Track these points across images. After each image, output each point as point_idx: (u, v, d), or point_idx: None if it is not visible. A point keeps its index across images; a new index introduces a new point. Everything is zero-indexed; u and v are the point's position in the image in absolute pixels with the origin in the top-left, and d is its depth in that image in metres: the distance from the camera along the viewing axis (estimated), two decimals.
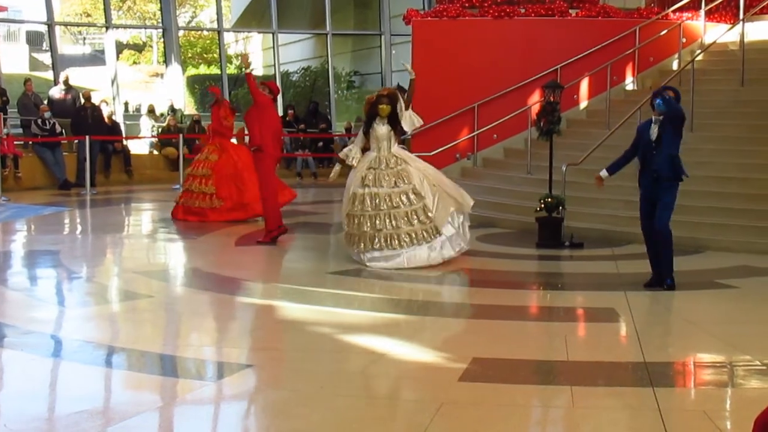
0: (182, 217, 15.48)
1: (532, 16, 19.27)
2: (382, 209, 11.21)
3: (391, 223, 11.20)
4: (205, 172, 15.56)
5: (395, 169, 11.37)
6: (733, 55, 17.91)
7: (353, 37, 32.04)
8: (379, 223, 11.20)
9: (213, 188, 15.39)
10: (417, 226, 11.23)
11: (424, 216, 11.26)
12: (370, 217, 11.24)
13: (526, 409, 6.41)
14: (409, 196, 11.29)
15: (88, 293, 10.32)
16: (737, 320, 9.15)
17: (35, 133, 20.71)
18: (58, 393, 6.65)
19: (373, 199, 11.26)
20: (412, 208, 11.26)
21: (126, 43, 33.43)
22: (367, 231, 11.22)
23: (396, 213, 11.21)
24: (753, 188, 13.73)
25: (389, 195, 11.25)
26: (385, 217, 11.21)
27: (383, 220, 11.21)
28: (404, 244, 11.19)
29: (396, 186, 11.30)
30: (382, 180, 11.32)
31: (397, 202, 11.25)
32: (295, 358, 7.52)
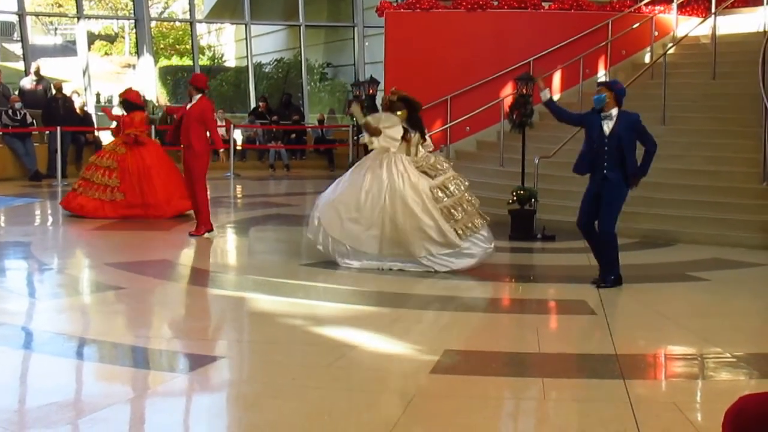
0: (76, 208, 14.81)
1: (504, 9, 19.31)
2: (455, 194, 10.81)
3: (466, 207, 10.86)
4: (111, 163, 14.98)
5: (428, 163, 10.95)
6: (704, 49, 18.00)
7: (326, 28, 31.97)
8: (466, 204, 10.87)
9: (117, 181, 14.78)
10: (471, 211, 10.93)
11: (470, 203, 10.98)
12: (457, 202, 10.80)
13: (497, 401, 6.43)
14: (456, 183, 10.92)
15: (59, 285, 10.27)
16: (708, 313, 9.21)
17: (6, 124, 20.56)
18: (28, 385, 6.62)
19: (446, 187, 10.80)
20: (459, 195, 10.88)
21: (98, 33, 33.25)
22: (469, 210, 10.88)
23: (465, 196, 10.90)
24: (723, 181, 13.80)
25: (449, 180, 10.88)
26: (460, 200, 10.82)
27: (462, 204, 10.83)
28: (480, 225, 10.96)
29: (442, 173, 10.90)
30: (429, 171, 10.87)
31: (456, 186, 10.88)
32: (267, 350, 7.51)
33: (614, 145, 9.68)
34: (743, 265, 11.47)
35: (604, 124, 9.75)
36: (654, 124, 15.33)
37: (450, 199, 10.70)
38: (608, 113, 9.74)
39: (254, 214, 16.08)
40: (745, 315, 9.17)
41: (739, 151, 14.33)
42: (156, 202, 14.66)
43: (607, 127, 9.73)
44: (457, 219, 10.66)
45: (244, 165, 24.26)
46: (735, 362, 7.37)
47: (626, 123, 9.72)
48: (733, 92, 15.88)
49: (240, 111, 28.53)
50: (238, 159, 24.10)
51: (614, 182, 9.73)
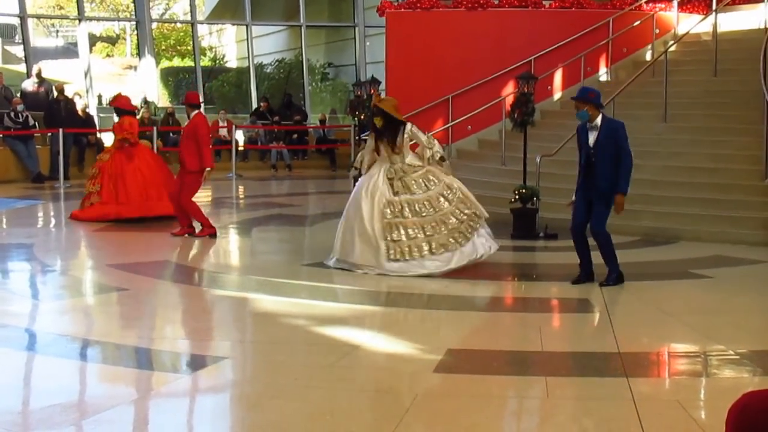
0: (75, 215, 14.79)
1: (505, 8, 19.30)
2: (427, 215, 10.59)
3: (440, 228, 10.59)
4: (95, 172, 15.07)
5: (416, 174, 10.81)
6: (705, 46, 17.99)
7: (327, 28, 31.97)
8: (430, 229, 10.57)
9: (98, 186, 14.72)
10: (465, 219, 10.76)
11: (465, 206, 10.83)
12: (415, 224, 10.55)
13: (500, 400, 6.43)
14: (445, 195, 10.76)
15: (62, 286, 10.28)
16: (711, 310, 9.20)
17: (8, 126, 20.58)
18: (32, 386, 6.64)
19: (411, 205, 10.62)
20: (453, 205, 10.74)
21: (99, 35, 33.30)
22: (419, 237, 10.50)
23: (442, 217, 10.63)
24: (725, 178, 13.79)
25: (427, 199, 10.67)
26: (432, 221, 10.58)
27: (434, 227, 10.58)
28: (461, 241, 10.67)
29: (428, 188, 10.75)
30: (411, 186, 10.72)
31: (438, 205, 10.67)
32: (270, 350, 7.51)
33: (600, 155, 9.76)
34: (746, 262, 11.47)
35: (590, 135, 9.82)
36: (655, 121, 15.38)
37: (396, 219, 10.59)
38: (593, 124, 9.80)
39: (256, 214, 16.07)
40: (747, 312, 9.16)
41: (740, 148, 14.32)
42: (128, 201, 14.54)
43: (593, 138, 9.80)
44: (394, 239, 10.52)
45: (246, 165, 24.26)
46: (738, 359, 7.37)
47: (607, 131, 9.78)
48: (735, 89, 15.86)
49: (242, 112, 28.54)
50: (240, 159, 24.09)
51: (605, 191, 9.83)
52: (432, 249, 10.48)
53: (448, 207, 10.70)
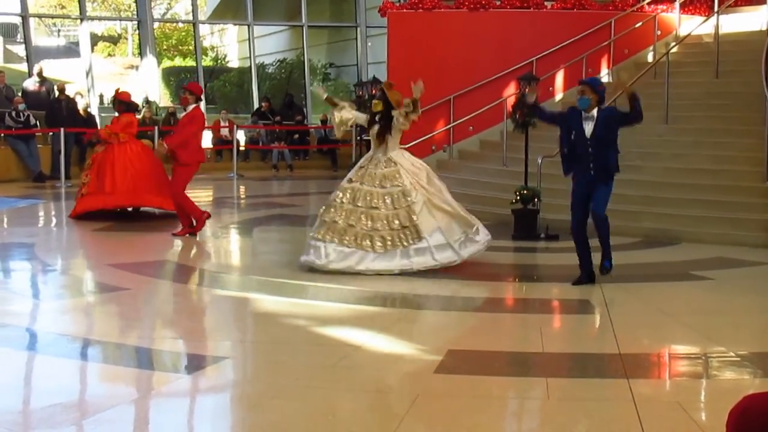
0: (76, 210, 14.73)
1: (507, 8, 19.29)
2: (359, 206, 10.57)
3: (367, 223, 10.51)
4: (88, 164, 15.12)
5: (384, 170, 10.74)
6: (707, 48, 17.98)
7: (329, 29, 31.98)
8: (354, 219, 10.55)
9: (88, 178, 14.68)
10: (396, 230, 10.49)
11: (407, 219, 10.52)
12: (345, 211, 10.57)
13: (501, 401, 6.43)
14: (394, 198, 10.59)
15: (62, 286, 10.29)
16: (711, 312, 9.20)
17: (9, 126, 20.59)
18: (32, 386, 6.65)
19: (354, 193, 10.67)
20: (394, 211, 10.54)
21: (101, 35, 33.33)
22: (339, 223, 10.54)
23: (374, 214, 10.52)
24: (727, 180, 13.78)
25: (370, 193, 10.62)
26: (361, 215, 10.53)
27: (359, 217, 10.53)
28: (377, 247, 10.43)
29: (381, 187, 10.65)
30: (365, 177, 10.74)
31: (377, 203, 10.57)
32: (271, 350, 7.51)
33: (595, 145, 9.77)
34: (747, 263, 11.46)
35: (586, 125, 9.80)
36: (657, 123, 15.37)
37: (346, 204, 10.63)
38: (589, 114, 9.79)
39: (258, 214, 16.08)
40: (749, 314, 9.15)
41: (742, 150, 14.31)
42: (113, 191, 14.42)
43: (588, 129, 9.78)
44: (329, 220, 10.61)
45: (247, 165, 24.26)
46: (739, 361, 7.36)
47: (604, 120, 9.80)
48: (736, 91, 15.86)
49: (243, 112, 28.55)
50: (242, 159, 24.09)
51: (602, 181, 9.87)
52: (345, 240, 10.45)
53: (384, 211, 10.55)
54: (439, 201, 10.79)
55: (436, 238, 10.62)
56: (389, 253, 10.44)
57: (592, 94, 9.82)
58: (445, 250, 10.68)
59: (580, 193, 10.03)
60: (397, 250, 10.47)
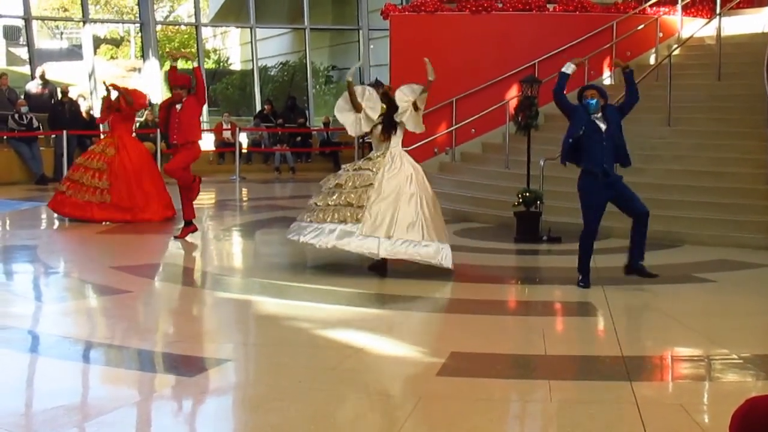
0: (68, 211, 14.72)
1: (509, 11, 19.28)
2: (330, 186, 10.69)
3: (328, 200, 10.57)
4: (100, 165, 14.82)
5: (373, 160, 10.73)
6: (709, 50, 17.98)
7: (331, 31, 32.01)
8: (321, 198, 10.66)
9: (107, 183, 14.64)
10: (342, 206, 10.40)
11: (356, 201, 10.37)
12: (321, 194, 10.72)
13: (503, 404, 6.43)
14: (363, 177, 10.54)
15: (65, 288, 10.29)
16: (714, 314, 9.20)
17: (12, 128, 20.62)
18: (35, 388, 6.64)
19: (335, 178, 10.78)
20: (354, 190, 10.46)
21: (103, 37, 33.32)
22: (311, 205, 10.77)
23: (336, 191, 10.57)
24: (729, 182, 13.78)
25: (344, 175, 10.71)
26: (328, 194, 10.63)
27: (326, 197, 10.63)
28: (320, 217, 10.47)
29: (359, 170, 10.69)
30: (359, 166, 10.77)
31: (343, 182, 10.60)
32: (273, 352, 7.51)
33: (611, 141, 9.87)
34: (750, 266, 11.45)
35: (598, 122, 9.89)
36: (659, 125, 15.37)
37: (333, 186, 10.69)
38: (599, 116, 9.94)
39: (260, 216, 16.09)
40: (751, 316, 9.14)
41: (744, 152, 14.31)
42: (145, 205, 14.60)
43: (604, 126, 9.87)
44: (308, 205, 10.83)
45: (249, 168, 24.27)
46: (742, 363, 7.36)
47: (613, 117, 9.99)
48: (739, 93, 15.85)
49: (245, 114, 28.58)
50: (244, 162, 24.09)
51: (618, 176, 10.03)
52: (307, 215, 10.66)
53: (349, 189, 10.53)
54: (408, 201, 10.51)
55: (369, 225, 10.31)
56: (322, 225, 10.45)
57: (600, 98, 9.94)
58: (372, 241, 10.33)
59: (603, 197, 10.01)
60: (329, 224, 10.41)
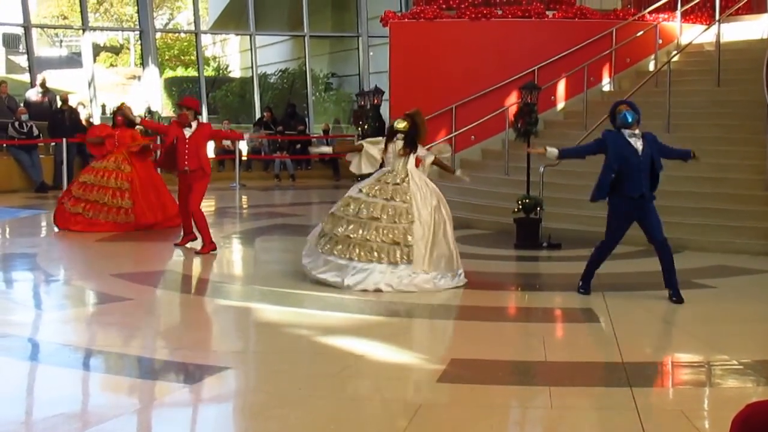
0: (80, 228, 14.40)
1: (509, 18, 19.32)
2: (361, 218, 10.34)
3: (362, 233, 10.26)
4: (121, 184, 14.63)
5: (397, 186, 10.49)
6: (709, 56, 18.00)
7: (331, 38, 32.03)
8: (352, 230, 10.31)
9: (130, 202, 14.54)
10: (387, 244, 10.20)
11: (402, 238, 10.19)
12: (347, 222, 10.38)
13: (504, 410, 6.42)
14: (396, 212, 10.30)
15: (65, 296, 10.28)
16: (715, 320, 9.19)
17: (12, 136, 20.62)
18: (35, 396, 6.63)
19: (358, 204, 10.45)
20: (392, 225, 10.25)
21: (103, 45, 33.36)
22: (338, 234, 10.38)
23: (372, 224, 10.27)
24: (729, 188, 13.79)
25: (374, 205, 10.37)
26: (360, 225, 10.31)
27: (356, 228, 10.31)
28: (360, 257, 10.20)
29: (389, 200, 10.39)
30: (379, 192, 10.49)
31: (379, 214, 10.32)
32: (273, 360, 7.51)
33: (648, 163, 9.61)
34: (749, 272, 11.47)
35: (634, 142, 9.67)
36: (659, 131, 15.24)
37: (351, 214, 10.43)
38: (635, 131, 9.71)
39: (260, 224, 16.09)
40: (751, 322, 9.14)
41: (744, 158, 14.32)
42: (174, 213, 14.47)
43: (640, 146, 9.66)
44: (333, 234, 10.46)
45: (249, 175, 24.29)
46: (742, 369, 7.36)
47: (652, 143, 9.76)
48: (738, 99, 15.87)
49: (245, 121, 28.58)
50: (244, 169, 24.09)
51: (651, 198, 9.71)
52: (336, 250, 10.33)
53: (383, 223, 10.28)
54: (440, 233, 10.48)
55: (420, 263, 10.25)
56: (370, 265, 10.19)
57: (633, 111, 9.77)
58: (425, 275, 10.28)
59: (626, 213, 9.79)
60: (380, 264, 10.19)
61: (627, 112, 9.75)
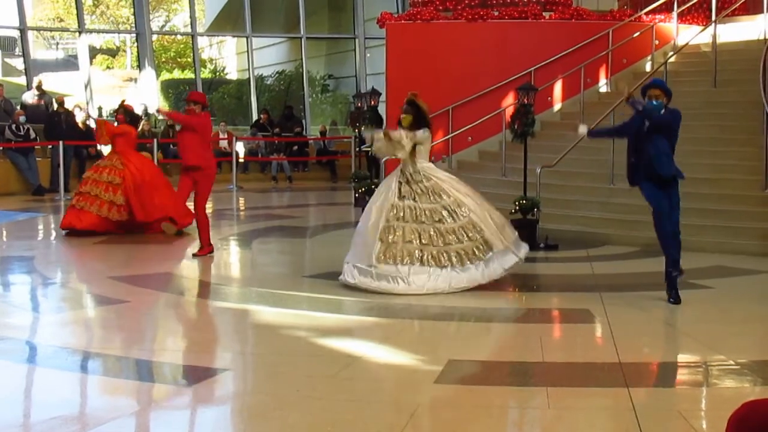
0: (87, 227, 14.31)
1: (505, 19, 19.32)
2: (425, 222, 10.21)
3: (440, 239, 10.16)
4: (112, 178, 14.54)
5: (426, 184, 10.42)
6: (705, 57, 18.00)
7: (327, 40, 32.04)
8: (427, 238, 10.15)
9: (122, 198, 14.39)
10: (467, 243, 10.23)
11: (473, 231, 10.29)
12: (413, 230, 10.19)
13: (501, 411, 6.43)
14: (450, 211, 10.31)
15: (62, 299, 10.27)
16: (712, 320, 9.20)
17: (9, 139, 20.61)
18: (33, 399, 6.64)
19: (413, 210, 10.27)
20: (458, 224, 10.29)
21: (99, 47, 33.34)
22: (414, 243, 10.14)
23: (441, 228, 10.22)
24: (725, 189, 13.80)
25: (430, 210, 10.27)
26: (431, 230, 10.19)
27: (432, 237, 10.17)
28: (454, 261, 10.15)
29: (435, 201, 10.34)
30: (416, 194, 10.36)
31: (440, 216, 10.26)
32: (271, 361, 7.51)
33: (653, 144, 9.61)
34: (746, 272, 11.48)
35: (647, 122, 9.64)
36: None
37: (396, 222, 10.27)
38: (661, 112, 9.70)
39: (257, 226, 16.08)
40: (748, 322, 9.15)
41: (740, 159, 14.34)
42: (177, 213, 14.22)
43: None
44: (390, 241, 10.21)
45: (246, 177, 24.29)
46: (739, 369, 7.37)
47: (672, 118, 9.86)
48: (735, 100, 15.88)
49: (242, 123, 28.60)
50: (241, 171, 24.10)
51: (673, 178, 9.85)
52: (424, 259, 10.11)
53: (450, 223, 10.29)
54: (487, 206, 10.69)
55: (497, 244, 10.44)
56: (465, 267, 10.23)
57: (664, 97, 9.72)
58: (507, 254, 10.54)
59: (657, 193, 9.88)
60: (474, 264, 10.28)
61: (656, 101, 9.81)
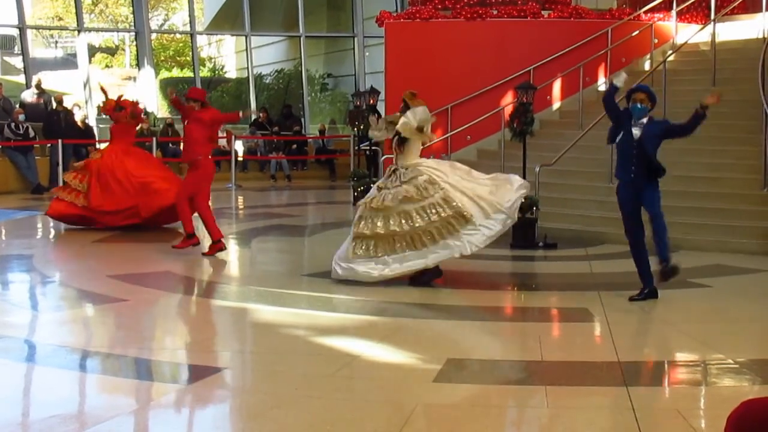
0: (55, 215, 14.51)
1: (504, 18, 19.33)
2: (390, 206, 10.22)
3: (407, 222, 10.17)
4: (80, 166, 14.70)
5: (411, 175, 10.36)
6: (704, 56, 18.02)
7: (326, 39, 32.05)
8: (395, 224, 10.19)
9: (84, 186, 14.29)
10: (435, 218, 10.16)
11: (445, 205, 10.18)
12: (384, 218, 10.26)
13: (500, 410, 6.43)
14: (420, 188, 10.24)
15: (61, 297, 10.27)
16: (710, 319, 9.21)
17: (8, 137, 20.61)
18: (31, 398, 6.63)
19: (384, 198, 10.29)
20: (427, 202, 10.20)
21: (98, 46, 33.31)
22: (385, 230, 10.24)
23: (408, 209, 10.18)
24: (724, 187, 13.81)
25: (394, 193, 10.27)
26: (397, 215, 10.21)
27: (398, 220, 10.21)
28: (426, 240, 10.16)
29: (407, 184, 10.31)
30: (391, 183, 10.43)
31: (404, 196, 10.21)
32: (270, 360, 7.51)
33: (642, 152, 9.50)
34: (745, 271, 11.48)
35: (635, 130, 9.55)
36: None
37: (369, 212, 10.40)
38: (643, 120, 9.59)
39: (256, 224, 16.08)
40: (747, 321, 9.16)
41: (739, 158, 14.34)
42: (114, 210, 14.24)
43: (638, 133, 9.53)
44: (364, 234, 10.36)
45: (245, 176, 24.29)
46: (738, 368, 7.37)
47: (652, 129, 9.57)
48: (733, 99, 15.85)
49: (241, 122, 28.58)
50: (240, 170, 24.11)
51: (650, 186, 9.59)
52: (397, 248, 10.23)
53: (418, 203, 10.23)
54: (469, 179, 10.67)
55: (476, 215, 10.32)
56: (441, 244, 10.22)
57: (649, 102, 9.65)
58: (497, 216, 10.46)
59: (626, 197, 9.72)
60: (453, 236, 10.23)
61: (643, 106, 9.59)
